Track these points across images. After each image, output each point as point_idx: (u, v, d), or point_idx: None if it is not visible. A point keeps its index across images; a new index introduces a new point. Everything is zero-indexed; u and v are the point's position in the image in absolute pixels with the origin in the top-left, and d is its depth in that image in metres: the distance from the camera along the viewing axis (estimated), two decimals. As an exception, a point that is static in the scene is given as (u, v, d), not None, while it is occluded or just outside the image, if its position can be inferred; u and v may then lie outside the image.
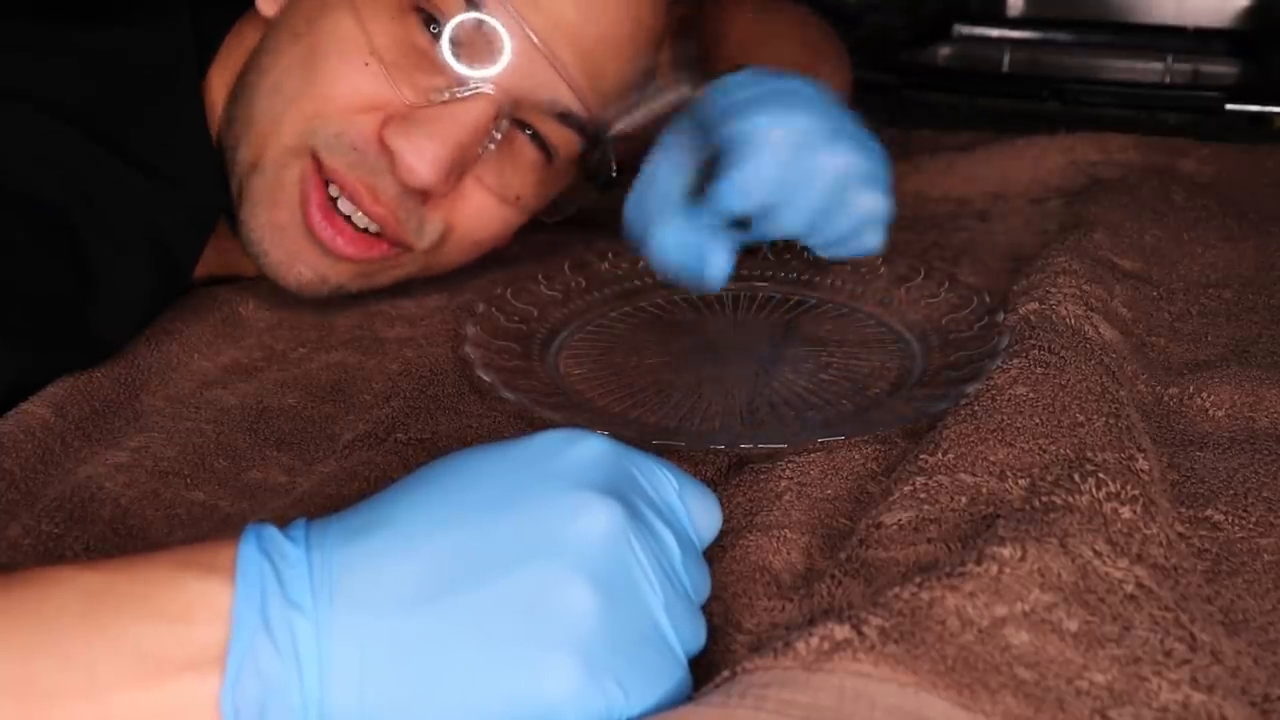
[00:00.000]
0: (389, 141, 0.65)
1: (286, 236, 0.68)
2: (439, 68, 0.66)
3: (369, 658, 0.36)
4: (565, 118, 0.69)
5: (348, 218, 0.68)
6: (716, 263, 0.60)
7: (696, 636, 0.40)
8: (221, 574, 0.37)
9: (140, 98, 0.68)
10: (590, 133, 0.70)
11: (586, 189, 0.77)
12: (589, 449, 0.40)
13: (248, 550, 0.37)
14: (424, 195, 0.68)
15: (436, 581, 0.36)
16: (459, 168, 0.67)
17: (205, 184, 0.70)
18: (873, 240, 0.62)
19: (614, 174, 0.74)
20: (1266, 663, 0.42)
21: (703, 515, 0.43)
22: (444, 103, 0.66)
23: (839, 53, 0.93)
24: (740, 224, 0.61)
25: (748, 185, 0.58)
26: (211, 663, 0.35)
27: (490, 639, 0.36)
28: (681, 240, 0.61)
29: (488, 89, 0.66)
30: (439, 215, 0.70)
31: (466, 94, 0.66)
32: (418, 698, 0.36)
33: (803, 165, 0.59)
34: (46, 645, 0.35)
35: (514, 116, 0.68)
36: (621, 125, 0.65)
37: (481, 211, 0.71)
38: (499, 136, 0.68)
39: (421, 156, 0.65)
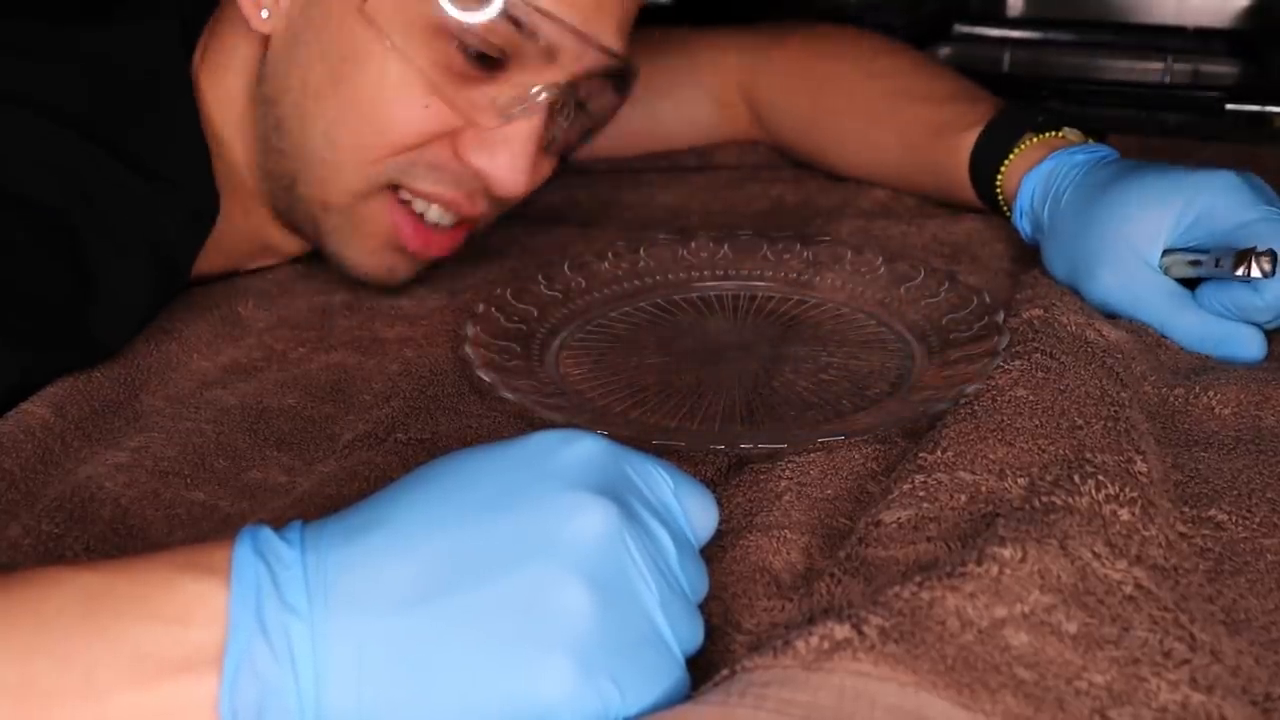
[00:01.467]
0: (472, 161, 0.68)
1: (382, 255, 0.73)
2: (493, 79, 0.67)
3: (365, 658, 0.36)
4: (617, 80, 0.71)
5: (421, 216, 0.71)
6: (1255, 344, 0.65)
7: (694, 635, 0.40)
8: (218, 575, 0.37)
9: (134, 98, 0.68)
10: (623, 72, 0.72)
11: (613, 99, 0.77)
12: (585, 449, 0.40)
13: (242, 552, 0.37)
14: None
15: (433, 582, 0.36)
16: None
17: (201, 184, 0.70)
18: None
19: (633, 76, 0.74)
20: (1268, 662, 0.42)
21: (699, 514, 0.43)
22: (513, 120, 0.67)
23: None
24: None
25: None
26: (209, 664, 0.35)
27: (487, 639, 0.36)
28: (1205, 330, 0.65)
29: (551, 91, 0.67)
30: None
31: (531, 105, 0.67)
32: (414, 698, 0.35)
33: None
34: (46, 646, 0.35)
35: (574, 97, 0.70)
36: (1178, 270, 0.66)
37: (538, 179, 0.73)
38: (564, 123, 0.71)
39: (512, 174, 0.68)
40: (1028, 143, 0.77)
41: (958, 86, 0.88)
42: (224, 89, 0.72)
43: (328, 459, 0.59)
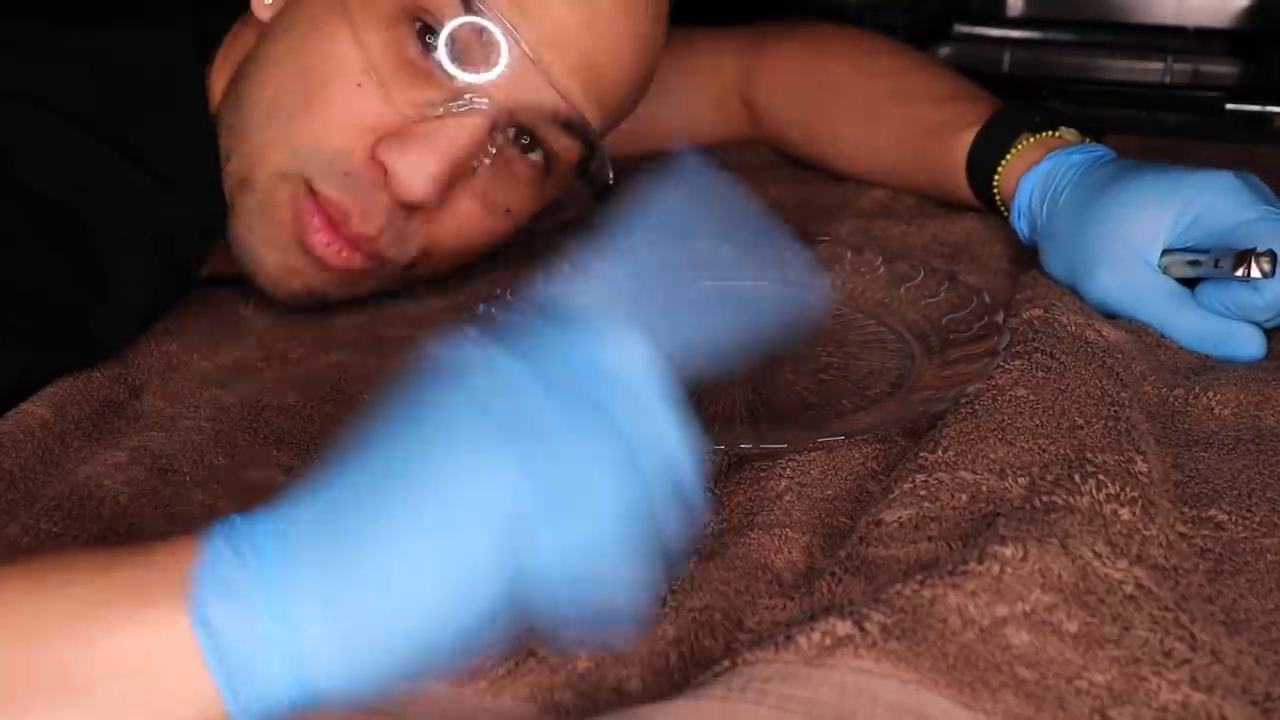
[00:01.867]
0: (383, 157, 0.65)
1: (282, 251, 0.68)
2: (432, 81, 0.65)
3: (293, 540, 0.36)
4: (565, 126, 0.68)
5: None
6: (1254, 343, 0.65)
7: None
8: (187, 552, 0.37)
9: (145, 99, 0.68)
10: (589, 141, 0.70)
11: (583, 198, 0.76)
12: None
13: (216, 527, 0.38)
14: (411, 210, 0.67)
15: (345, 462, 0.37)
16: (452, 182, 0.67)
17: (211, 188, 0.70)
18: None
19: (610, 183, 0.73)
20: (1268, 662, 0.42)
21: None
22: (439, 117, 0.65)
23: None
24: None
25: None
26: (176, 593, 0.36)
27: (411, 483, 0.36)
28: (1204, 329, 0.66)
29: (482, 103, 0.65)
30: (422, 231, 0.69)
31: (461, 109, 0.65)
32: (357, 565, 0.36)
33: None
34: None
35: (515, 126, 0.68)
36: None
37: (467, 222, 0.70)
38: (494, 151, 0.67)
39: (416, 173, 0.64)
40: (1025, 143, 0.77)
41: (957, 86, 0.87)
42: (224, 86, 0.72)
43: (327, 459, 0.59)
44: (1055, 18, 1.35)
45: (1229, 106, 1.13)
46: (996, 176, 0.78)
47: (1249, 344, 0.65)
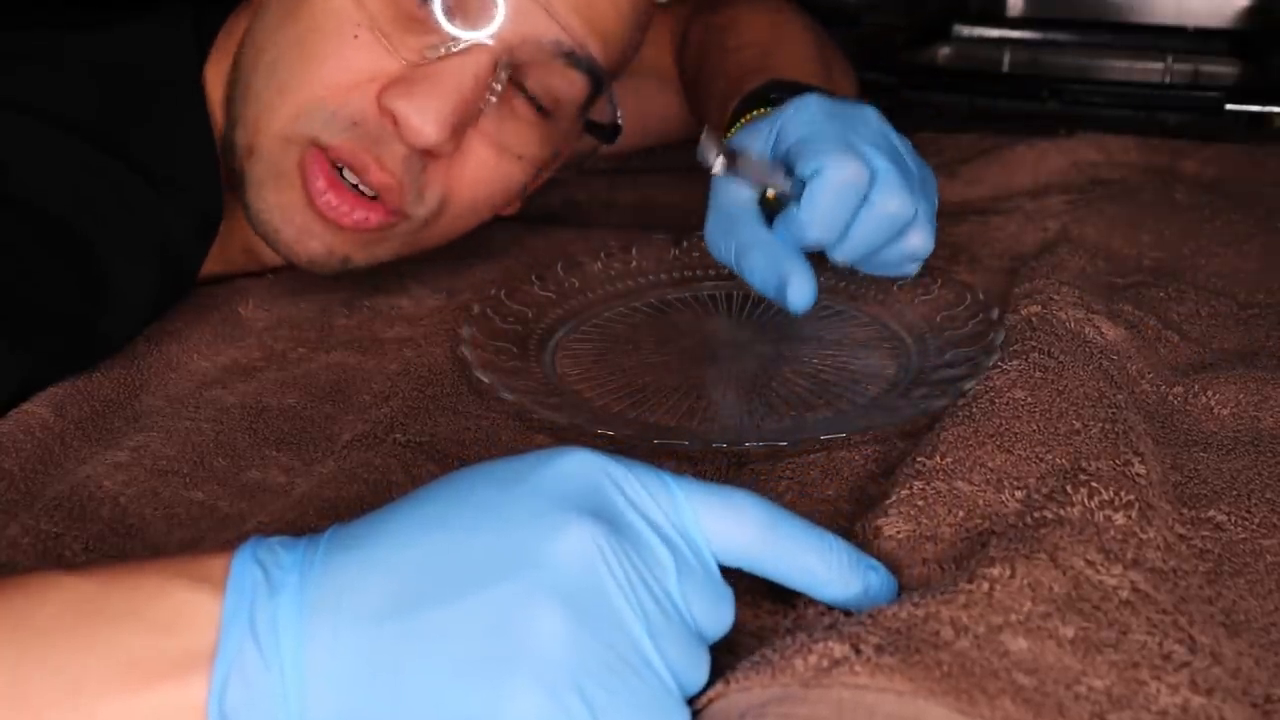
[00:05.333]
0: (390, 105, 0.64)
1: (295, 214, 0.68)
2: (430, 26, 0.65)
3: (342, 669, 0.35)
4: (569, 57, 0.67)
5: (354, 186, 0.67)
6: (798, 287, 0.62)
7: (691, 665, 0.38)
8: (212, 584, 0.36)
9: (143, 103, 0.68)
10: (593, 78, 0.69)
11: (595, 142, 0.75)
12: (572, 464, 0.39)
13: (242, 559, 0.37)
14: (427, 157, 0.67)
15: (406, 596, 0.36)
16: (462, 124, 0.66)
17: (209, 188, 0.70)
18: (911, 270, 0.68)
19: (619, 123, 0.73)
20: (1268, 663, 0.42)
21: (722, 530, 0.40)
22: (440, 59, 0.65)
23: (844, 58, 0.93)
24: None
25: (817, 220, 0.61)
26: (198, 669, 0.35)
27: (452, 657, 0.35)
28: (766, 265, 0.63)
29: (484, 39, 0.65)
30: (439, 180, 0.69)
31: (463, 47, 0.65)
32: (386, 712, 0.35)
33: (866, 207, 0.62)
34: (37, 654, 0.35)
35: (513, 73, 0.67)
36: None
37: (482, 170, 0.69)
38: (499, 89, 0.67)
39: (425, 116, 0.64)
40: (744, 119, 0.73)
41: (809, 69, 0.83)
42: (226, 74, 0.72)
43: (327, 459, 0.59)
44: (1055, 18, 1.35)
45: (1229, 106, 1.13)
46: None
47: (796, 292, 0.62)
